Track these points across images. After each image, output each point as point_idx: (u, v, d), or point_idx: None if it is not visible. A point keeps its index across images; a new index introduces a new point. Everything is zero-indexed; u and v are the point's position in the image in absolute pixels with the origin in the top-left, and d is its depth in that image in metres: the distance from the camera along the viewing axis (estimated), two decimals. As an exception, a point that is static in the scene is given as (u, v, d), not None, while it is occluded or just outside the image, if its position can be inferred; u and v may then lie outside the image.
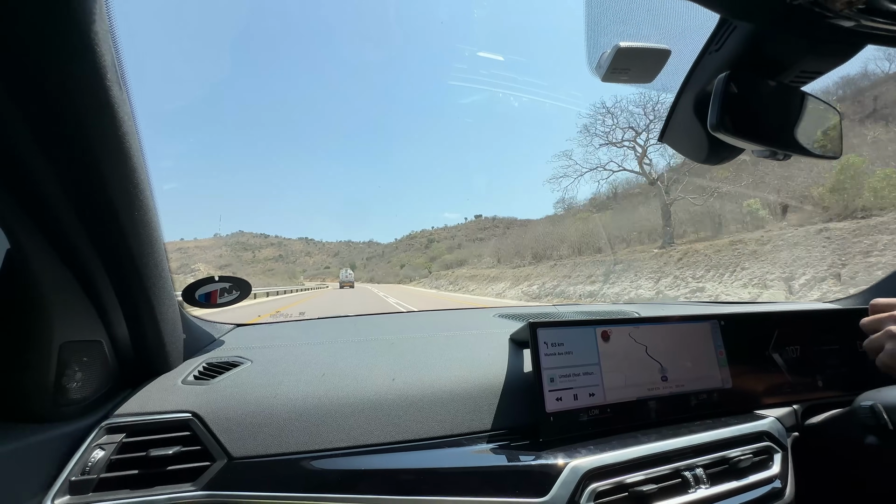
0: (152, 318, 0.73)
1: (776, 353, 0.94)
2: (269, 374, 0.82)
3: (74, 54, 0.47)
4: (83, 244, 0.61)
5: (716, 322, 0.92)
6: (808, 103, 0.65)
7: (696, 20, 0.60)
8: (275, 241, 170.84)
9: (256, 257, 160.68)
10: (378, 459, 0.70)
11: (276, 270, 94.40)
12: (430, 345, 0.99)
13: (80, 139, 0.52)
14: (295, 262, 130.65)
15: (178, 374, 0.81)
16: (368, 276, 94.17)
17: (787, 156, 0.63)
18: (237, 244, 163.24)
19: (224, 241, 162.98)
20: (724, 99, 0.56)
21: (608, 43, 0.61)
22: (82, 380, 0.67)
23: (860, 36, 0.53)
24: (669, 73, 0.66)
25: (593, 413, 0.77)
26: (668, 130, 0.72)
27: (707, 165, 0.71)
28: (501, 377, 0.84)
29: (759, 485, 0.76)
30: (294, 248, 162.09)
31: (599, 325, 0.83)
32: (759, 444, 0.81)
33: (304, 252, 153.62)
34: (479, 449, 0.73)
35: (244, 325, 1.21)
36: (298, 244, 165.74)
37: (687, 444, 0.76)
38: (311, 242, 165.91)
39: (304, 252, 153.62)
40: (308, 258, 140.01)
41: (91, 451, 0.64)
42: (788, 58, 0.59)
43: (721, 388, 0.88)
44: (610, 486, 0.68)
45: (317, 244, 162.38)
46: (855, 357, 0.98)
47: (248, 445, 0.68)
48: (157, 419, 0.69)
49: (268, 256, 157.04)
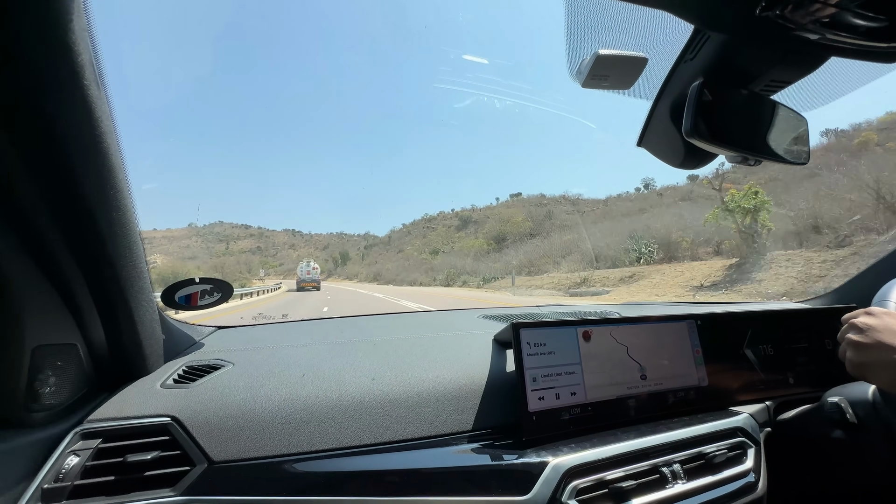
0: (130, 321, 0.72)
1: (750, 351, 0.98)
2: (250, 376, 0.81)
3: (51, 52, 0.46)
4: (58, 245, 0.60)
5: (693, 322, 0.95)
6: (777, 111, 0.68)
7: (673, 30, 0.62)
8: (255, 232, 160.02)
9: (230, 249, 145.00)
10: (362, 461, 0.69)
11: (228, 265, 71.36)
12: (414, 346, 0.99)
13: (56, 139, 0.51)
14: (275, 256, 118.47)
15: (157, 378, 0.79)
16: (371, 272, 59.12)
17: (759, 161, 0.66)
18: (211, 235, 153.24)
19: (197, 231, 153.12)
20: (697, 106, 0.59)
21: (588, 50, 0.62)
22: (56, 384, 0.65)
23: (825, 48, 0.56)
24: (647, 80, 0.68)
25: (575, 412, 0.79)
26: (646, 136, 0.74)
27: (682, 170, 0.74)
28: (485, 377, 0.85)
29: (734, 479, 0.79)
30: (277, 239, 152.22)
31: (581, 326, 0.84)
32: (734, 439, 0.84)
33: (287, 244, 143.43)
34: (463, 449, 0.74)
35: (225, 328, 1.19)
36: (283, 236, 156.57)
37: (665, 440, 0.78)
38: (296, 234, 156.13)
39: (287, 244, 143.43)
40: (292, 251, 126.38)
41: (65, 457, 0.62)
42: (758, 67, 0.62)
43: (698, 385, 0.91)
44: (591, 482, 0.70)
45: (304, 236, 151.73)
46: (823, 354, 1.02)
47: (229, 449, 0.67)
48: (134, 424, 0.68)
49: (243, 248, 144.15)
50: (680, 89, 0.66)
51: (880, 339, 0.67)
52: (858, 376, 0.71)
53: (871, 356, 0.67)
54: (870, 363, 0.68)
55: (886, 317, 0.69)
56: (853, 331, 0.71)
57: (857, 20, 0.50)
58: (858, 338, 0.69)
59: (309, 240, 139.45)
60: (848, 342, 0.71)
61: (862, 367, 0.69)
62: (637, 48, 0.64)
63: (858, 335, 0.70)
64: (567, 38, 0.63)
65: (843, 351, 0.73)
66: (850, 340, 0.71)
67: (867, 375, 0.69)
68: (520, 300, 15.27)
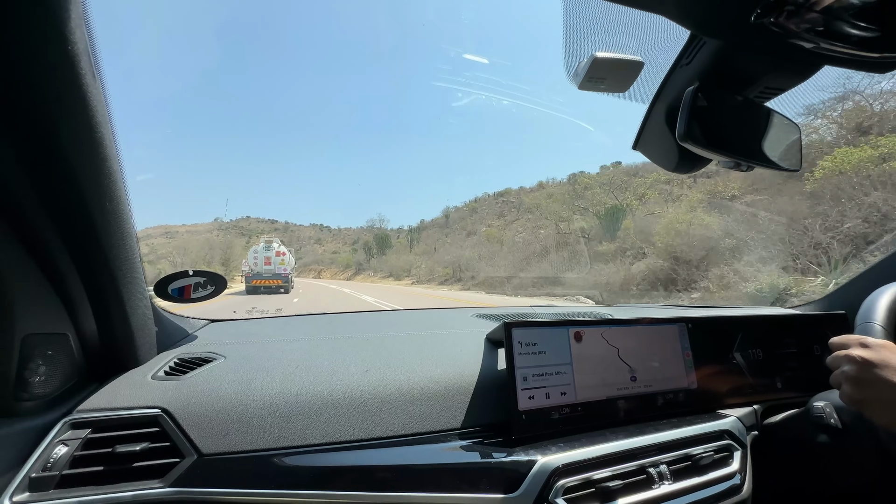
0: (121, 312, 0.72)
1: (739, 355, 0.99)
2: (242, 370, 0.82)
3: (46, 39, 0.46)
4: (50, 235, 0.60)
5: (683, 325, 0.95)
6: (771, 118, 0.68)
7: (670, 35, 0.62)
8: (281, 226, 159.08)
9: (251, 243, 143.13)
10: (352, 456, 0.70)
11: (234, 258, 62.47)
12: (407, 343, 0.99)
13: (50, 128, 0.51)
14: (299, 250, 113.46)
15: (148, 369, 0.79)
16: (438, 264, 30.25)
17: (751, 167, 0.67)
18: (235, 229, 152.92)
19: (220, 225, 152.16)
20: (691, 111, 0.59)
21: (585, 52, 0.63)
22: (46, 373, 0.65)
23: (818, 56, 0.57)
24: (643, 83, 0.69)
25: (564, 411, 0.79)
26: (641, 139, 0.75)
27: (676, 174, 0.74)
28: (477, 376, 0.85)
29: (719, 481, 0.80)
30: (303, 234, 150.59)
31: (573, 326, 0.85)
32: (721, 441, 0.85)
33: (314, 239, 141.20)
34: (453, 446, 0.75)
35: (219, 321, 1.19)
36: (309, 230, 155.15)
37: (652, 441, 0.79)
38: (323, 229, 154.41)
39: (314, 239, 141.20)
40: (318, 246, 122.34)
41: (53, 446, 0.62)
42: (753, 74, 0.62)
43: (687, 388, 0.92)
44: (578, 482, 0.70)
45: (331, 231, 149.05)
46: (811, 360, 1.04)
47: (219, 442, 0.67)
48: (124, 415, 0.68)
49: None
50: (675, 94, 0.67)
51: (880, 375, 0.64)
52: (855, 410, 0.70)
53: (869, 393, 0.66)
54: (868, 401, 0.66)
55: (884, 350, 0.67)
56: (849, 364, 0.69)
57: (851, 30, 0.51)
58: (856, 373, 0.67)
59: (337, 234, 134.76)
60: (845, 376, 0.69)
61: (860, 403, 0.67)
62: (634, 52, 0.65)
63: (855, 369, 0.67)
64: (564, 39, 0.63)
65: (838, 382, 0.70)
66: (847, 375, 0.68)
67: (865, 411, 0.67)
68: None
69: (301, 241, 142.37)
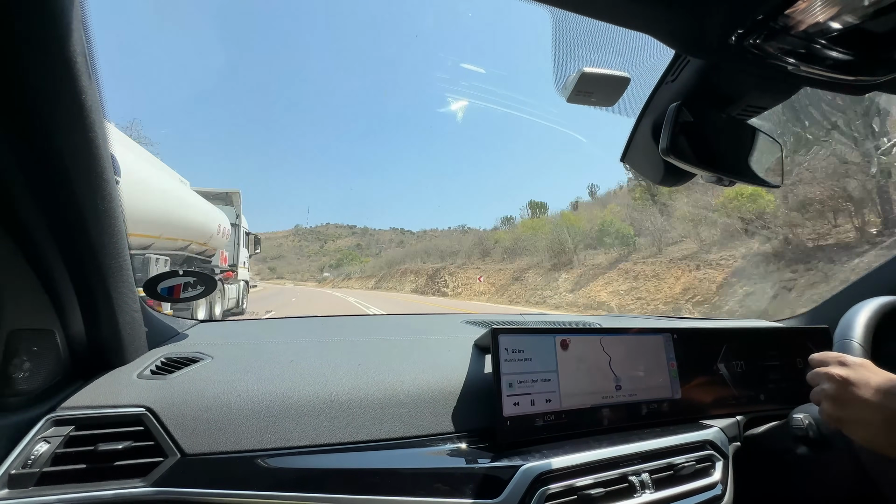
0: (109, 310, 0.72)
1: (723, 366, 1.00)
2: (228, 371, 0.82)
3: (43, 39, 0.47)
4: (40, 231, 0.60)
5: (669, 335, 0.97)
6: (753, 136, 0.70)
7: (656, 52, 0.64)
8: (359, 231, 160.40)
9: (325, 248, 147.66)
10: (336, 459, 0.70)
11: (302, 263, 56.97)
12: (395, 347, 1.00)
13: (42, 125, 0.52)
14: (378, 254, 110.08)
15: (134, 368, 0.79)
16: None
17: (733, 182, 0.68)
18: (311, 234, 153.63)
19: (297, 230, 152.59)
20: (674, 126, 0.61)
21: (574, 67, 0.65)
22: (30, 370, 0.65)
23: (797, 78, 0.59)
24: (631, 98, 0.70)
25: (549, 418, 0.80)
26: (629, 152, 0.77)
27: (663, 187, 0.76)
28: (463, 381, 0.86)
29: (700, 491, 0.81)
30: (382, 237, 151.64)
31: (559, 334, 0.86)
32: (703, 452, 0.86)
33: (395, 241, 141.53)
34: (437, 451, 0.75)
35: (208, 322, 1.19)
36: (388, 234, 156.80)
37: (635, 450, 0.80)
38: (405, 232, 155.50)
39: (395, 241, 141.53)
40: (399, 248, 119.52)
41: (35, 443, 0.62)
42: (735, 92, 0.64)
43: (671, 398, 0.93)
44: (560, 489, 0.71)
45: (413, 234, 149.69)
46: (794, 373, 1.05)
47: (203, 442, 0.67)
48: (108, 413, 0.68)
49: (340, 247, 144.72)
50: (661, 109, 0.69)
51: (858, 394, 0.65)
52: (834, 428, 0.70)
53: (848, 411, 0.66)
54: (847, 419, 0.66)
55: (861, 369, 0.68)
56: (828, 382, 0.69)
57: (827, 54, 0.52)
58: (834, 392, 0.68)
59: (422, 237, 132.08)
60: (824, 394, 0.70)
61: (840, 421, 0.67)
62: (622, 67, 0.67)
63: (834, 388, 0.68)
64: (554, 54, 0.65)
65: (818, 399, 0.71)
66: (826, 393, 0.69)
67: (845, 430, 0.68)
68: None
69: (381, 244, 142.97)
